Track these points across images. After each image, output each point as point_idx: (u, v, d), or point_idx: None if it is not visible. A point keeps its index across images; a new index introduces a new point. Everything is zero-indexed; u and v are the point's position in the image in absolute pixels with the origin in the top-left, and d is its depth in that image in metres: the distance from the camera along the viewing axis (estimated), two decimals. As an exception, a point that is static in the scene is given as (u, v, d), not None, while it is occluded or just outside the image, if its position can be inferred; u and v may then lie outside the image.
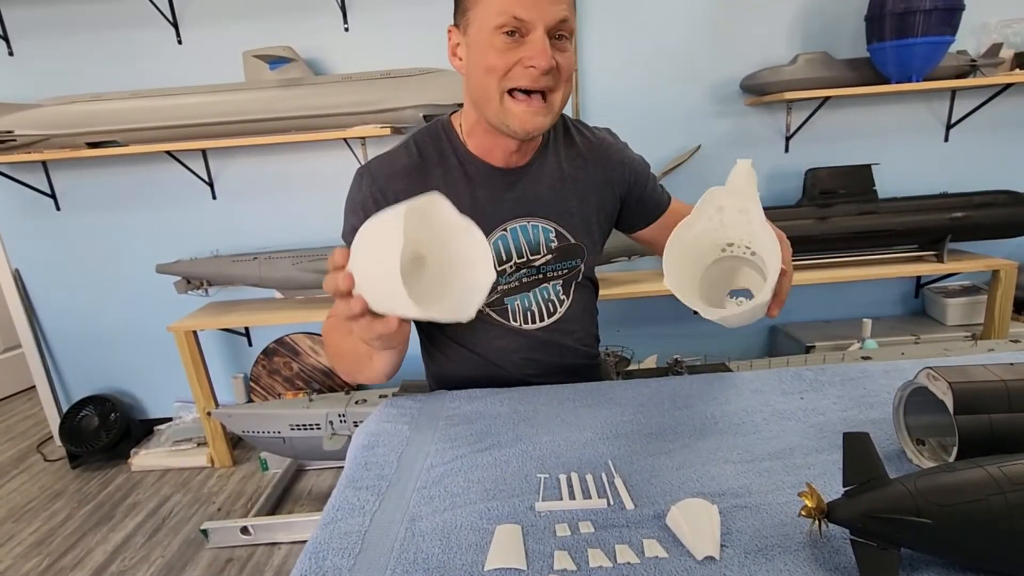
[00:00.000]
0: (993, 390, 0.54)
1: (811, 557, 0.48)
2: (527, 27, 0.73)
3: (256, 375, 2.41)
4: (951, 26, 1.85)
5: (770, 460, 0.63)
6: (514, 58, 0.74)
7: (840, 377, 0.81)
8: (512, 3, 0.71)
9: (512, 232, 0.89)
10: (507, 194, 0.88)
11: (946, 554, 0.45)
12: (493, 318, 0.92)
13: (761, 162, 2.25)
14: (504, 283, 0.90)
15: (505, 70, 0.74)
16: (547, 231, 0.90)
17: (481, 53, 0.75)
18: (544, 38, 0.73)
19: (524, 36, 0.73)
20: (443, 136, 0.89)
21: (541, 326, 0.93)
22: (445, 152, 0.88)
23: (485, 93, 0.77)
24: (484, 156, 0.87)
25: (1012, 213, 2.03)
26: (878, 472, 0.47)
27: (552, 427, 0.73)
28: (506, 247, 0.89)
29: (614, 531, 0.53)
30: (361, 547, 0.54)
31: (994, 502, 0.43)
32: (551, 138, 0.92)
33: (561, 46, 0.75)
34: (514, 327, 0.92)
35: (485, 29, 0.74)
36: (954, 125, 2.19)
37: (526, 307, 0.92)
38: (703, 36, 2.12)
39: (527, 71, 0.74)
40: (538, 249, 0.90)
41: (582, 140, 0.94)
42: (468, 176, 0.87)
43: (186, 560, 1.73)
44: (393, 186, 0.85)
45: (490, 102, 0.78)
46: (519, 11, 0.71)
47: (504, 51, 0.74)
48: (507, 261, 0.89)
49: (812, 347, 2.11)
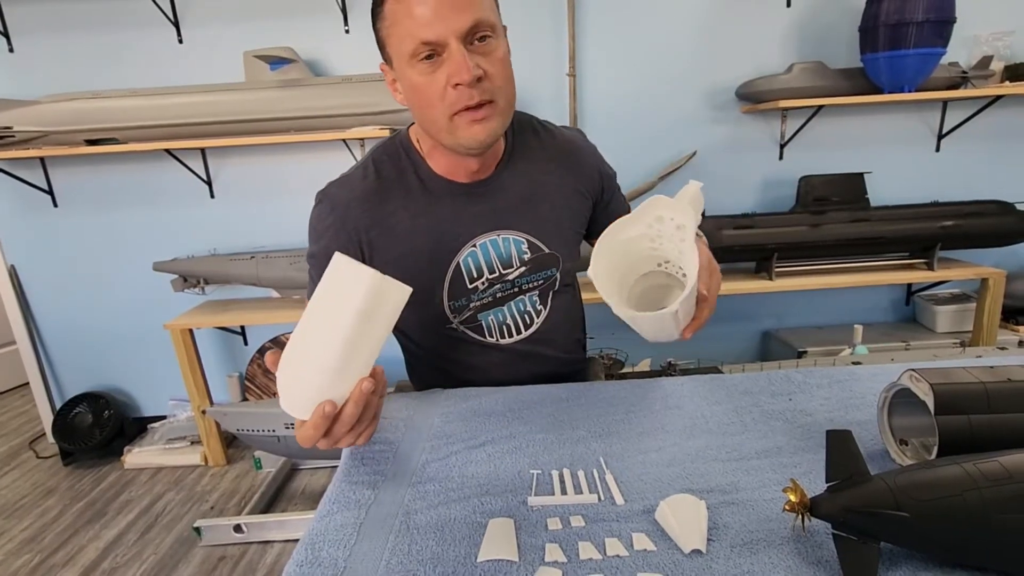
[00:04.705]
0: (973, 391, 0.56)
1: (795, 551, 0.50)
2: (439, 47, 0.69)
3: (251, 374, 2.41)
4: (943, 38, 1.88)
5: (758, 459, 0.64)
6: (441, 79, 0.71)
7: (828, 380, 0.83)
8: (415, 28, 0.68)
9: (482, 247, 0.86)
10: (473, 208, 0.85)
11: (924, 548, 0.47)
12: (468, 335, 0.90)
13: (755, 169, 2.28)
14: (477, 299, 0.88)
15: (440, 96, 0.72)
16: (519, 242, 0.88)
17: (410, 85, 0.73)
18: (460, 51, 0.69)
19: (441, 55, 0.70)
20: (402, 154, 0.85)
21: (519, 339, 0.92)
22: (405, 171, 0.85)
23: (432, 123, 0.76)
24: (445, 174, 0.85)
25: (1001, 222, 2.06)
26: (860, 469, 0.48)
27: (545, 425, 0.74)
28: (476, 263, 0.86)
29: (604, 525, 0.54)
30: (357, 539, 0.55)
31: (970, 498, 0.44)
32: (516, 144, 0.89)
33: (485, 48, 0.71)
34: (490, 343, 0.91)
35: (404, 60, 0.72)
36: (945, 135, 2.23)
37: (501, 321, 0.90)
38: (700, 44, 2.15)
39: (458, 90, 0.71)
40: (510, 262, 0.88)
41: (552, 142, 0.91)
42: (430, 193, 0.84)
43: (179, 558, 1.73)
44: (351, 213, 0.82)
45: (439, 130, 0.76)
46: (424, 33, 0.68)
47: (428, 76, 0.71)
48: (478, 278, 0.87)
49: (804, 352, 2.13)
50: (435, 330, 0.91)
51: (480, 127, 0.74)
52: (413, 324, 0.92)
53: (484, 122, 0.74)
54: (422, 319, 0.90)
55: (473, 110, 0.73)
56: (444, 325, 0.90)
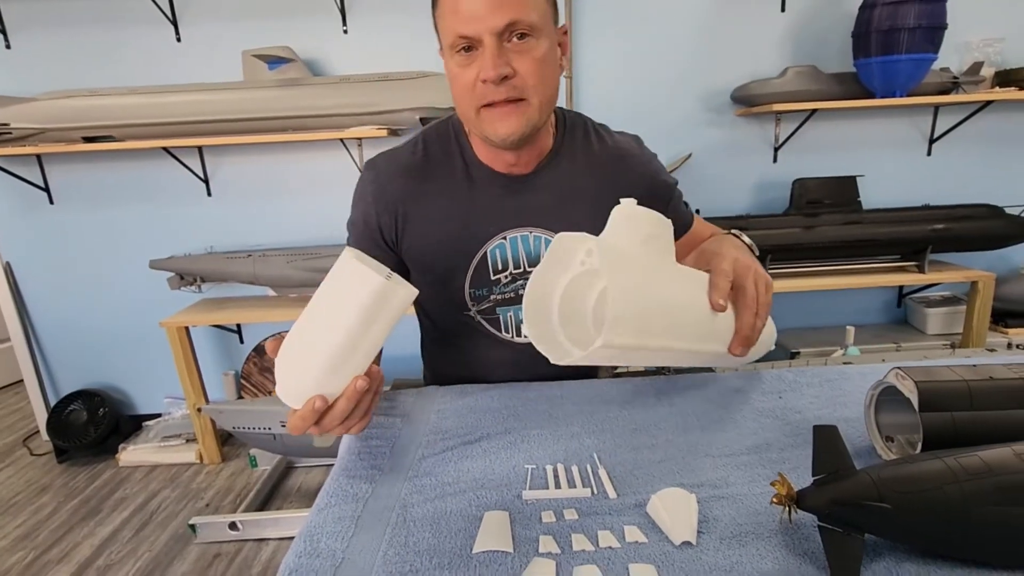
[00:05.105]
0: (956, 389, 0.57)
1: (782, 543, 0.51)
2: (475, 41, 0.72)
3: (247, 372, 2.42)
4: (934, 44, 1.91)
5: (748, 454, 0.66)
6: (473, 73, 0.74)
7: (818, 379, 0.85)
8: (456, 22, 0.72)
9: (511, 241, 0.87)
10: (509, 202, 0.87)
11: (906, 539, 0.48)
12: (484, 327, 0.91)
13: (750, 171, 2.30)
14: (498, 292, 0.89)
15: (470, 88, 0.75)
16: (549, 243, 0.87)
17: (450, 74, 0.77)
18: (492, 48, 0.71)
19: (478, 49, 0.73)
20: (452, 136, 0.88)
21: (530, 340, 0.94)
22: (452, 153, 0.87)
23: (464, 111, 0.79)
24: (488, 162, 0.86)
25: (991, 226, 2.09)
26: (845, 463, 0.50)
27: (540, 421, 0.76)
28: (503, 256, 0.88)
29: (597, 518, 0.56)
30: (355, 531, 0.56)
31: (950, 491, 0.46)
32: (563, 144, 0.89)
33: (522, 47, 0.73)
34: (504, 339, 0.92)
35: (446, 51, 0.76)
36: (936, 140, 2.25)
37: (519, 319, 0.91)
38: (696, 47, 2.17)
39: (485, 85, 0.73)
40: (537, 261, 0.87)
41: (601, 147, 0.91)
42: (471, 179, 0.87)
43: (174, 555, 1.74)
44: (393, 184, 0.85)
45: (469, 120, 0.79)
46: (462, 28, 0.72)
47: (463, 68, 0.74)
48: (503, 271, 0.88)
49: (797, 353, 2.15)
50: (453, 314, 0.92)
51: (503, 123, 0.76)
52: (433, 303, 0.93)
53: (508, 118, 0.75)
54: (442, 299, 0.91)
55: (499, 106, 0.75)
56: (462, 311, 0.91)
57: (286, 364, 0.59)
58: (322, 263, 2.08)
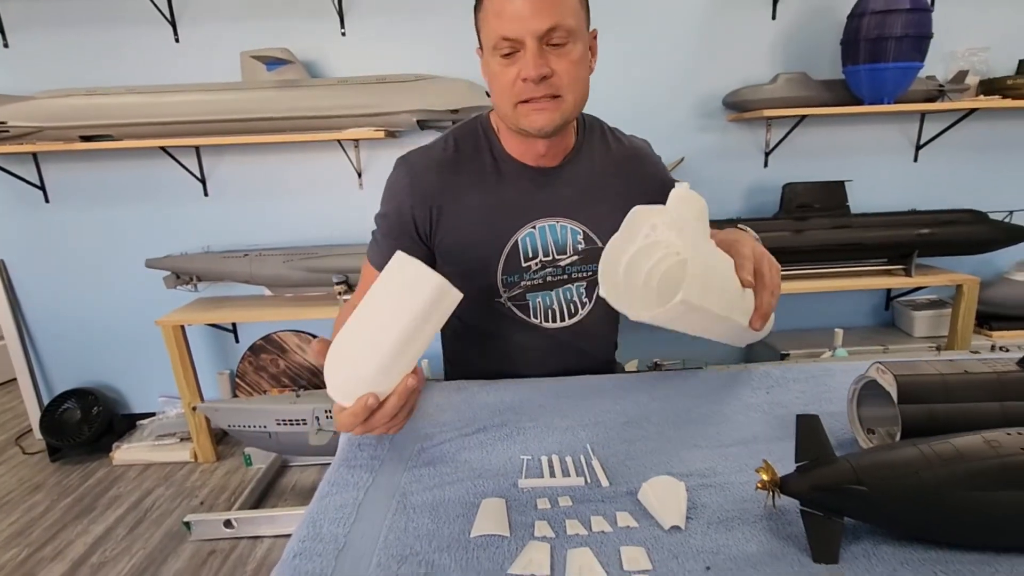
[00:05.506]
0: (933, 382, 0.60)
1: (766, 527, 0.54)
2: (518, 43, 0.78)
3: (242, 371, 2.42)
4: (920, 53, 1.95)
5: (735, 446, 0.68)
6: (514, 72, 0.80)
7: (804, 375, 0.87)
8: (500, 26, 0.77)
9: (540, 230, 0.92)
10: (538, 193, 0.92)
11: (884, 523, 0.51)
12: (514, 313, 0.94)
13: (741, 176, 2.34)
14: (528, 279, 0.93)
15: (510, 85, 0.81)
16: (575, 232, 0.93)
17: (490, 72, 0.83)
18: (534, 50, 0.77)
19: (519, 51, 0.79)
20: (481, 133, 0.93)
21: (561, 326, 0.96)
22: (481, 149, 0.92)
23: (501, 107, 0.85)
24: (517, 156, 0.92)
25: (976, 231, 2.14)
26: (826, 451, 0.52)
27: (535, 415, 0.78)
28: (533, 244, 0.92)
29: (590, 505, 0.58)
30: (356, 517, 0.58)
31: (925, 476, 0.48)
32: (585, 142, 0.95)
33: (561, 50, 0.79)
34: (534, 324, 0.95)
35: (488, 51, 0.82)
36: (923, 146, 2.30)
37: (547, 305, 0.95)
38: (688, 54, 2.20)
39: (525, 84, 0.79)
40: (565, 249, 0.93)
41: (618, 147, 0.98)
42: (500, 173, 0.92)
43: (168, 552, 1.74)
44: (427, 178, 0.90)
45: (506, 114, 0.85)
46: (507, 31, 0.77)
47: (505, 67, 0.80)
48: (533, 258, 0.92)
49: (786, 355, 2.19)
50: (484, 303, 0.95)
51: (539, 116, 0.82)
52: (464, 297, 0.96)
53: (544, 112, 0.82)
54: (475, 291, 0.93)
55: (536, 101, 0.81)
56: (494, 299, 0.94)
57: (337, 362, 0.61)
58: (318, 263, 2.09)
